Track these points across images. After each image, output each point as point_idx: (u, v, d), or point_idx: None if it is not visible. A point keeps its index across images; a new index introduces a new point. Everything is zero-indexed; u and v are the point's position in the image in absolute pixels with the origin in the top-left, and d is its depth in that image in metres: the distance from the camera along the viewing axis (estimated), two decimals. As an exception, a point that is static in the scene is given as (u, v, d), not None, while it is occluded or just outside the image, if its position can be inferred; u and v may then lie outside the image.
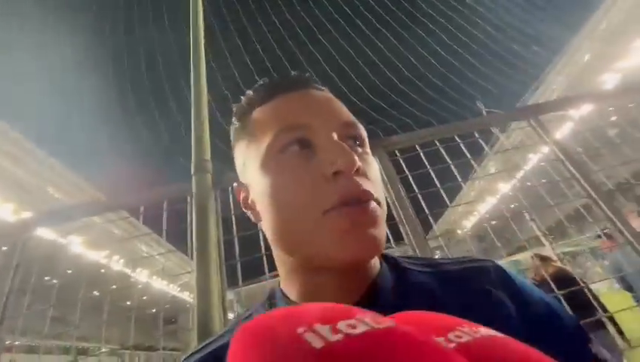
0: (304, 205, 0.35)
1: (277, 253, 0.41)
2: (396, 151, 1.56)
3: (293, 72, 0.44)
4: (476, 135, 1.69)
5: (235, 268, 1.41)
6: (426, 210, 1.48)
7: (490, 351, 0.17)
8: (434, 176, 1.55)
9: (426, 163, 1.60)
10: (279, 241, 0.38)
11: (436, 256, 1.52)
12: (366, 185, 0.35)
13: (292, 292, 0.40)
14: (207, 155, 1.46)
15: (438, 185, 1.55)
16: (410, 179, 1.54)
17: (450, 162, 1.57)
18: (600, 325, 2.80)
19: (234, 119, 0.46)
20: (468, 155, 1.68)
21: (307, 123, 0.38)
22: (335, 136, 0.37)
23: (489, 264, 0.42)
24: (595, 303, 1.62)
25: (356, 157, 0.35)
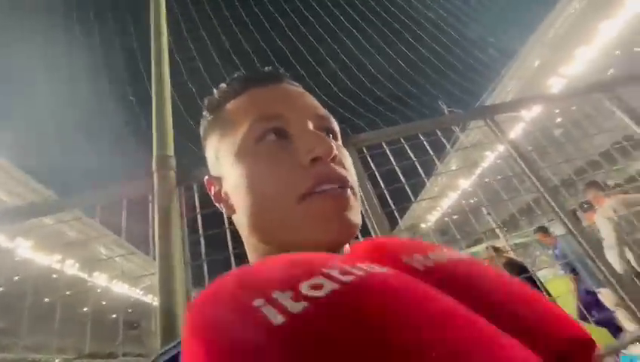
0: (280, 192, 0.35)
1: (252, 243, 0.40)
2: (364, 148, 1.60)
3: (266, 68, 0.45)
4: (438, 133, 1.77)
5: (201, 267, 1.38)
6: (392, 205, 1.54)
7: (457, 270, 0.19)
8: (399, 172, 1.61)
9: (392, 160, 1.66)
10: (255, 230, 0.38)
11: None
12: (342, 172, 0.36)
13: None
14: (171, 151, 1.40)
15: (403, 180, 1.61)
16: (377, 175, 1.58)
17: (415, 159, 1.64)
18: None
19: (205, 112, 0.45)
20: (431, 152, 1.76)
21: (282, 113, 0.38)
22: (311, 125, 0.38)
23: None
24: (541, 288, 1.76)
25: (334, 145, 0.36)
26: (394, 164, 1.62)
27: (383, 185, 1.54)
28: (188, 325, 0.14)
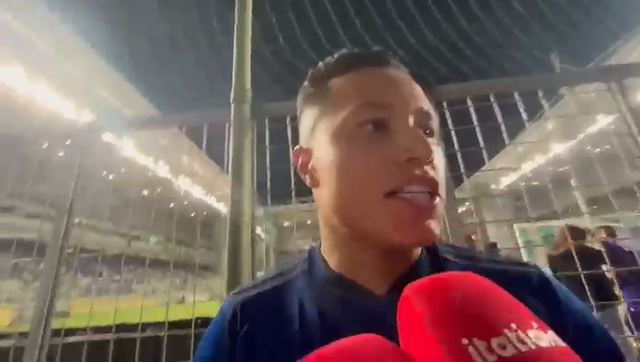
0: (370, 184, 0.35)
1: (329, 222, 0.41)
2: (444, 103, 1.45)
3: (375, 47, 0.43)
4: (540, 94, 1.50)
5: (265, 196, 1.52)
6: (462, 169, 1.43)
7: None
8: (479, 135, 1.45)
9: (475, 119, 1.48)
10: (336, 212, 0.39)
11: (459, 210, 1.50)
12: (435, 177, 0.35)
13: (332, 260, 0.41)
14: (248, 84, 1.45)
15: (482, 144, 1.46)
16: (453, 134, 1.45)
17: (502, 122, 1.44)
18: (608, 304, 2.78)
19: (307, 83, 0.45)
20: (524, 116, 1.53)
21: (388, 103, 0.37)
22: (412, 121, 0.37)
23: (533, 271, 0.41)
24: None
25: (433, 148, 0.35)
26: (475, 124, 1.45)
27: (456, 147, 1.42)
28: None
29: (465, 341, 0.18)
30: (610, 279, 3.08)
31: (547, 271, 0.41)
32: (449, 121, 1.44)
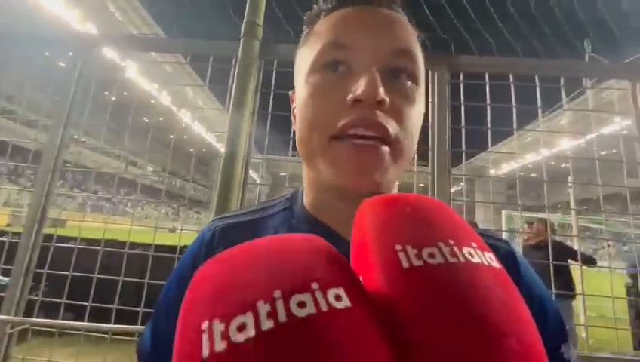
0: (319, 126, 0.35)
1: (302, 160, 0.42)
2: (461, 74, 1.39)
3: None
4: (561, 81, 1.44)
5: (263, 138, 1.51)
6: (463, 147, 1.41)
7: (446, 279, 0.17)
8: (489, 114, 1.42)
9: (488, 97, 1.44)
10: (300, 154, 0.40)
11: (452, 190, 1.52)
12: (386, 122, 0.33)
13: (307, 201, 0.43)
14: (260, 19, 1.36)
15: (489, 125, 1.43)
16: (463, 110, 1.41)
17: (514, 105, 1.40)
18: (569, 296, 3.00)
19: (304, 26, 0.44)
20: (539, 102, 1.48)
21: (350, 43, 0.35)
22: (376, 63, 0.35)
23: (502, 245, 0.41)
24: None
25: (381, 90, 0.32)
26: (488, 102, 1.40)
27: (463, 123, 1.39)
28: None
29: (398, 247, 0.18)
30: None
31: (516, 249, 0.42)
32: (461, 94, 1.39)
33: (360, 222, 0.22)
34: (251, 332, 0.14)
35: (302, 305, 0.15)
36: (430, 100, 1.36)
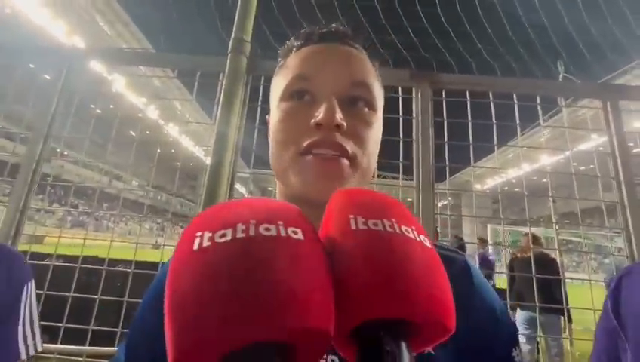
0: (287, 145, 0.41)
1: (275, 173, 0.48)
2: (443, 91, 1.44)
3: (333, 25, 0.47)
4: (537, 100, 1.51)
5: (250, 153, 1.51)
6: (447, 161, 1.45)
7: (380, 245, 0.22)
8: (470, 130, 1.46)
9: (469, 112, 1.48)
10: (273, 169, 0.45)
11: (439, 204, 1.54)
12: (345, 142, 0.39)
13: None
14: (248, 36, 1.39)
15: (471, 141, 1.47)
16: (445, 125, 1.45)
17: (495, 122, 1.45)
18: (558, 311, 3.03)
19: (279, 58, 0.51)
20: (517, 120, 1.54)
21: (315, 76, 0.42)
22: (334, 93, 0.41)
23: (459, 257, 0.45)
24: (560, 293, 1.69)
25: (338, 116, 0.39)
26: (469, 119, 1.45)
27: (446, 138, 1.43)
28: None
29: (351, 216, 0.24)
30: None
31: (470, 261, 0.46)
32: (444, 111, 1.44)
33: (329, 203, 0.28)
34: (228, 238, 0.20)
35: (267, 229, 0.21)
36: (414, 117, 1.40)
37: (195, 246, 0.20)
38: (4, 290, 0.76)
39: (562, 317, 3.33)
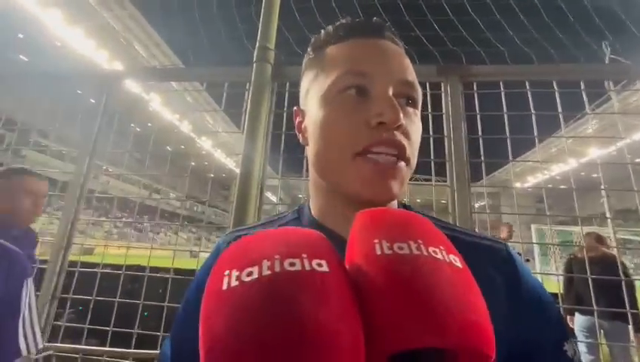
0: (342, 144, 0.39)
1: (312, 175, 0.47)
2: (474, 84, 1.37)
3: (374, 18, 0.46)
4: (582, 85, 1.39)
5: (278, 160, 1.52)
6: (482, 157, 1.37)
7: (407, 270, 0.21)
8: (506, 122, 1.37)
9: (505, 105, 1.40)
10: (316, 167, 0.44)
11: (477, 205, 1.46)
12: (403, 141, 0.39)
13: (315, 208, 0.47)
14: (272, 44, 1.41)
15: (508, 134, 1.39)
16: (479, 119, 1.38)
17: (533, 112, 1.35)
18: (624, 318, 2.71)
19: (309, 49, 0.49)
20: (559, 108, 1.42)
21: (369, 72, 0.40)
22: (390, 91, 0.40)
23: (501, 246, 0.44)
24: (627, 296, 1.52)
25: (401, 115, 0.38)
26: (504, 111, 1.36)
27: (480, 132, 1.35)
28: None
29: (376, 240, 0.24)
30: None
31: (512, 250, 0.45)
32: (476, 104, 1.36)
33: (353, 226, 0.28)
34: (255, 276, 0.21)
35: (292, 264, 0.21)
36: (444, 112, 1.34)
37: (224, 286, 0.21)
38: (2, 287, 0.78)
39: (631, 325, 2.97)
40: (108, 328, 1.39)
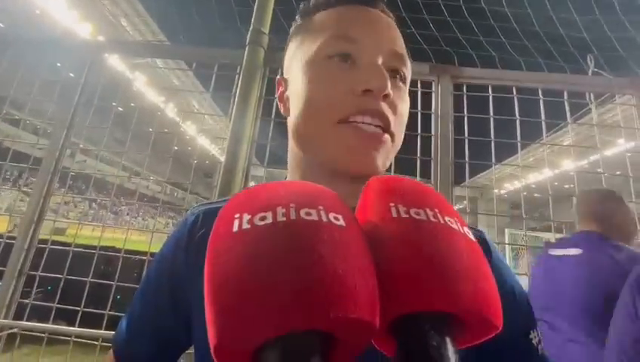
0: (325, 110, 0.37)
1: (291, 147, 0.44)
2: (464, 86, 1.39)
3: None
4: (565, 95, 1.44)
5: (265, 146, 1.50)
6: (467, 158, 1.40)
7: (426, 234, 0.20)
8: (492, 128, 1.41)
9: (491, 109, 1.43)
10: (295, 136, 0.42)
11: (456, 207, 1.50)
12: (388, 113, 0.37)
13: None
14: (266, 28, 1.38)
15: (492, 137, 1.42)
16: (466, 121, 1.41)
17: (518, 117, 1.39)
18: None
19: (297, 17, 0.47)
20: (542, 115, 1.47)
21: (358, 38, 0.38)
22: (380, 60, 0.38)
23: (478, 233, 0.43)
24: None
25: (389, 84, 0.36)
26: (491, 115, 1.40)
27: (466, 134, 1.38)
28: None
29: (392, 204, 0.22)
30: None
31: (488, 236, 0.44)
32: (465, 106, 1.39)
33: (365, 189, 0.26)
34: (269, 221, 0.19)
35: (308, 214, 0.19)
36: (433, 111, 1.36)
37: (235, 228, 0.19)
38: None
39: None
40: (78, 308, 1.34)
